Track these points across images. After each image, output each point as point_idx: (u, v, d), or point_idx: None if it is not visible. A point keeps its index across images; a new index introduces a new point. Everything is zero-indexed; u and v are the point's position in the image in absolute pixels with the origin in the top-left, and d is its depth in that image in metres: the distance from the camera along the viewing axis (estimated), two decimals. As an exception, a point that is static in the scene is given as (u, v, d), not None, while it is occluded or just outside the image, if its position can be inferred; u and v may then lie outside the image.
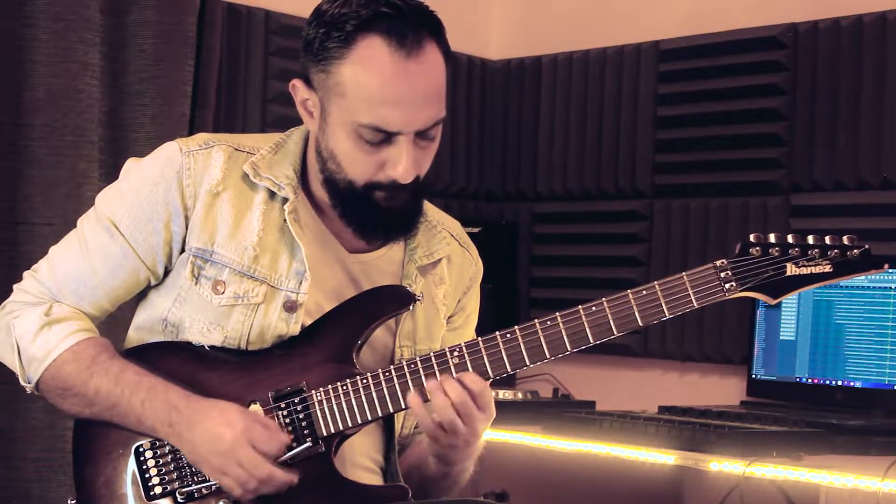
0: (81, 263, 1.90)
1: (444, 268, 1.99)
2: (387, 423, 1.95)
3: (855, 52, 3.25)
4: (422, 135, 1.80)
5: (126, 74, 3.12)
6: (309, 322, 1.87)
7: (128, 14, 3.11)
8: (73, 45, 2.95)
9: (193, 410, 1.80)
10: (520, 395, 3.33)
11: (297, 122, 1.94)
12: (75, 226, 1.95)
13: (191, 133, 3.16)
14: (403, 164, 1.78)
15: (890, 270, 2.97)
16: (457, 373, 1.79)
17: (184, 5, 3.15)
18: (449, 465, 1.89)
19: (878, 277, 2.99)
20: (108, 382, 1.84)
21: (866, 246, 1.78)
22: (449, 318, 2.02)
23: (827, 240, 1.80)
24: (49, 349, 1.87)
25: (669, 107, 3.60)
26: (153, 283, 1.93)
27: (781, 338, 3.17)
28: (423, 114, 1.78)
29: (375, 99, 1.76)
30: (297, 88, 1.86)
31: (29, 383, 1.90)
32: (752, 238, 1.80)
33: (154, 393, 1.82)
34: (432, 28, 1.80)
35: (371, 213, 1.84)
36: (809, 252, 1.79)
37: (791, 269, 1.79)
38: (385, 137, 1.78)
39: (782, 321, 3.17)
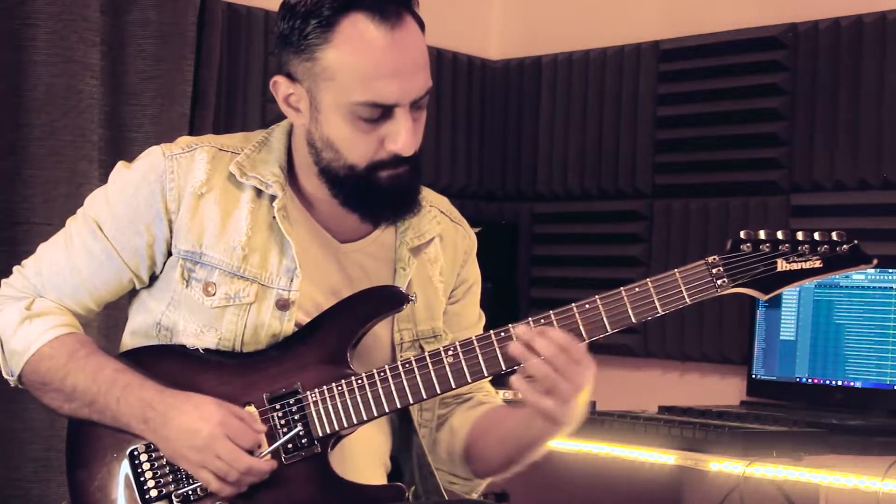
0: (65, 261, 1.91)
1: (437, 246, 1.99)
2: (399, 421, 1.95)
3: (855, 52, 3.24)
4: (415, 105, 1.81)
5: (126, 74, 3.12)
6: (305, 319, 1.87)
7: (128, 14, 3.12)
8: (73, 45, 2.96)
9: (168, 406, 1.79)
10: (519, 395, 3.32)
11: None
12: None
13: (191, 133, 3.16)
14: (403, 137, 1.79)
15: (890, 270, 2.97)
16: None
17: (184, 5, 3.15)
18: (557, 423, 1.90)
19: (878, 277, 2.99)
20: (85, 379, 1.84)
21: (855, 241, 1.79)
22: (451, 292, 2.02)
23: (816, 235, 1.80)
24: (28, 343, 1.87)
25: (669, 107, 3.60)
26: (138, 286, 1.93)
27: (781, 338, 3.17)
28: (416, 82, 1.79)
29: (369, 74, 1.76)
30: (279, 84, 1.85)
31: (11, 376, 1.92)
32: (742, 235, 1.80)
33: (129, 390, 1.82)
34: None
35: (376, 196, 1.84)
36: (799, 248, 1.79)
37: (781, 265, 1.79)
38: (382, 113, 1.78)
39: (782, 321, 3.17)
